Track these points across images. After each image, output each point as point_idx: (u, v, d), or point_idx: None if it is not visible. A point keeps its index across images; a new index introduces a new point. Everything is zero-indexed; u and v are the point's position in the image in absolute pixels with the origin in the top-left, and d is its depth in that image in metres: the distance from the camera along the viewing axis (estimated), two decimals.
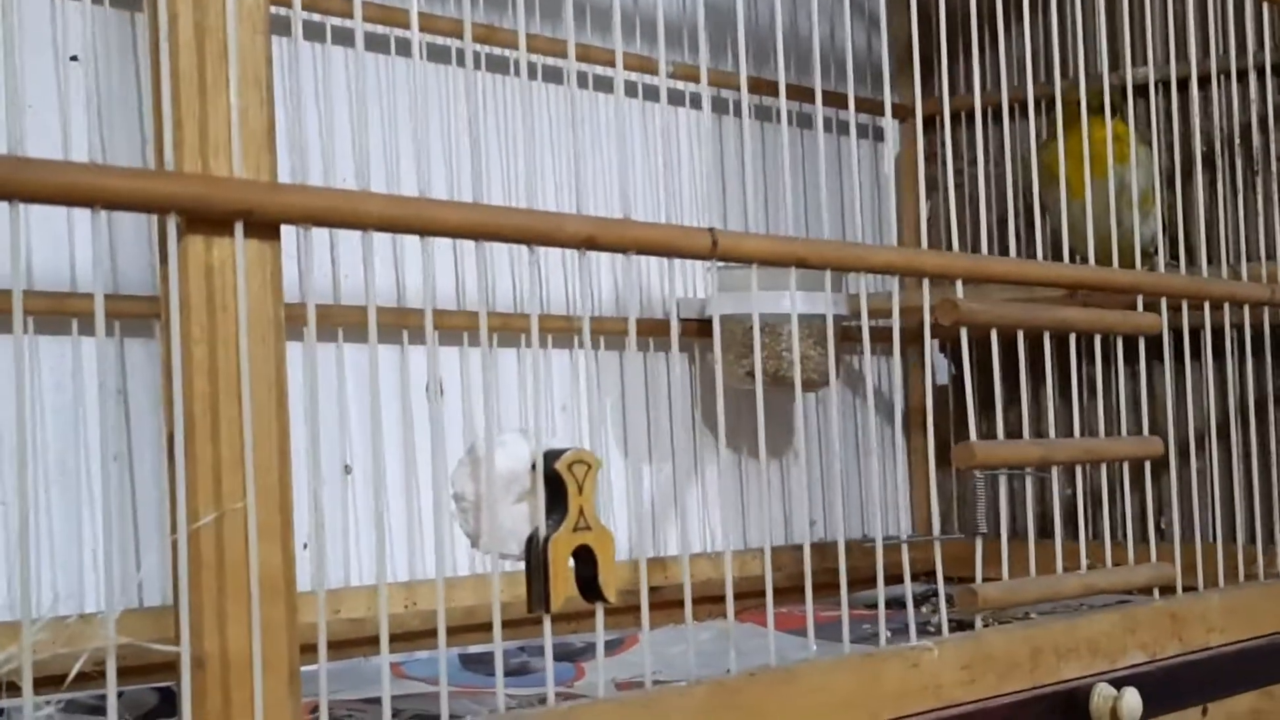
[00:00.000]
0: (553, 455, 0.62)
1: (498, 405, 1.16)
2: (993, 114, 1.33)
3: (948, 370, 1.51)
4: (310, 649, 0.55)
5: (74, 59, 0.99)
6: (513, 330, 1.16)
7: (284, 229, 0.55)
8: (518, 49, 1.19)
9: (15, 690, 0.51)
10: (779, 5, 0.73)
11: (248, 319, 0.53)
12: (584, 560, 0.63)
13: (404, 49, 1.14)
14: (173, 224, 0.51)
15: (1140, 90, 1.25)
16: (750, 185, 1.38)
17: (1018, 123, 1.30)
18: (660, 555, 1.28)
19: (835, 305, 1.24)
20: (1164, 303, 0.93)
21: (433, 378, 0.73)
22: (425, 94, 1.15)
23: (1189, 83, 1.03)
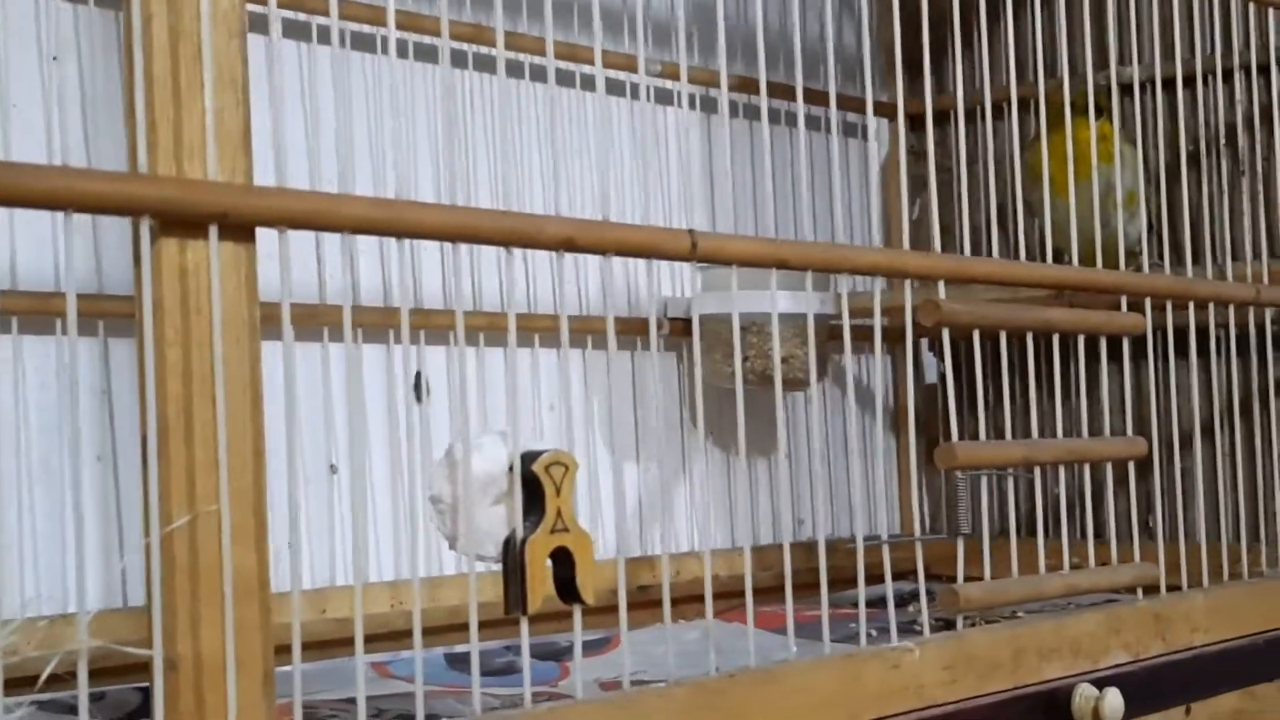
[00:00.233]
0: (530, 457, 0.62)
1: (485, 405, 1.16)
2: (979, 113, 1.33)
3: (936, 369, 1.51)
4: (290, 649, 0.55)
5: (54, 59, 0.99)
6: (500, 330, 1.15)
7: (263, 230, 0.54)
8: (509, 49, 1.19)
9: None
10: (763, 4, 0.73)
11: (222, 321, 0.53)
12: (562, 562, 0.63)
13: (399, 50, 1.14)
14: (146, 227, 0.51)
15: (1126, 89, 1.25)
16: (736, 185, 1.38)
17: (1004, 122, 1.30)
18: (649, 554, 1.28)
19: (823, 304, 1.25)
20: (1148, 303, 0.93)
21: (421, 379, 0.73)
22: (411, 93, 1.15)
23: (1175, 82, 1.03)
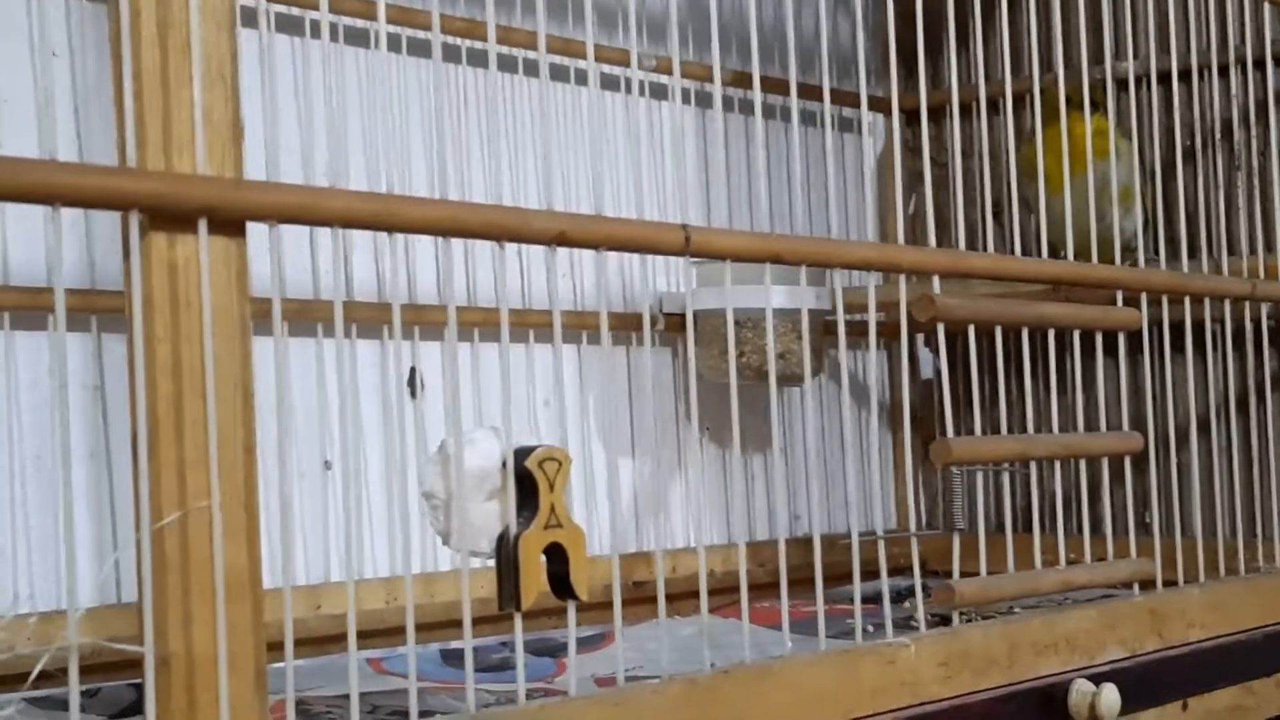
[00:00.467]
0: (523, 452, 0.62)
1: (480, 400, 1.16)
2: (974, 108, 1.33)
3: (932, 364, 1.50)
4: (282, 646, 0.55)
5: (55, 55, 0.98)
6: (496, 325, 1.15)
7: (255, 225, 0.54)
8: (502, 44, 1.19)
9: None
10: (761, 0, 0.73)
11: (212, 317, 0.52)
12: (555, 558, 0.62)
13: (392, 45, 1.14)
14: (135, 221, 0.51)
15: (1123, 84, 1.24)
16: (730, 180, 1.38)
17: (999, 117, 1.29)
18: (646, 550, 1.28)
19: (819, 299, 1.24)
20: (1144, 298, 0.93)
21: (416, 374, 0.72)
22: (404, 88, 1.15)
23: (1170, 77, 1.03)
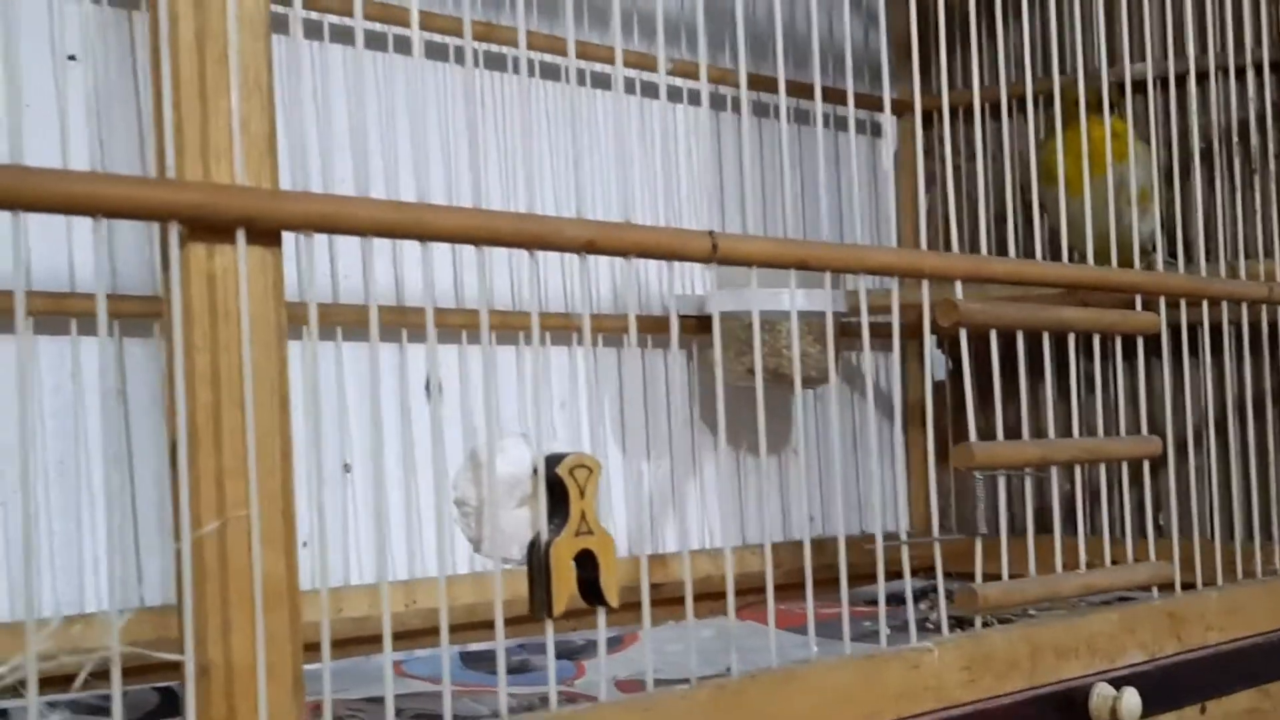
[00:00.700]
0: (554, 460, 0.62)
1: (497, 404, 1.16)
2: (991, 110, 1.33)
3: (945, 366, 1.51)
4: (311, 649, 0.55)
5: (71, 58, 0.99)
6: (511, 329, 1.16)
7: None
8: (515, 46, 1.19)
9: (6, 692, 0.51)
10: (777, 1, 0.73)
11: (250, 326, 0.53)
12: (585, 564, 0.63)
13: (401, 47, 1.14)
14: (175, 232, 0.51)
15: (1138, 87, 1.25)
16: (749, 182, 1.38)
17: (1015, 119, 1.30)
18: (659, 552, 1.28)
19: (835, 302, 1.25)
20: (1163, 301, 0.93)
21: (433, 379, 0.72)
22: (424, 92, 1.15)
23: (1187, 79, 1.03)
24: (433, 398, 1.12)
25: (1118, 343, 0.92)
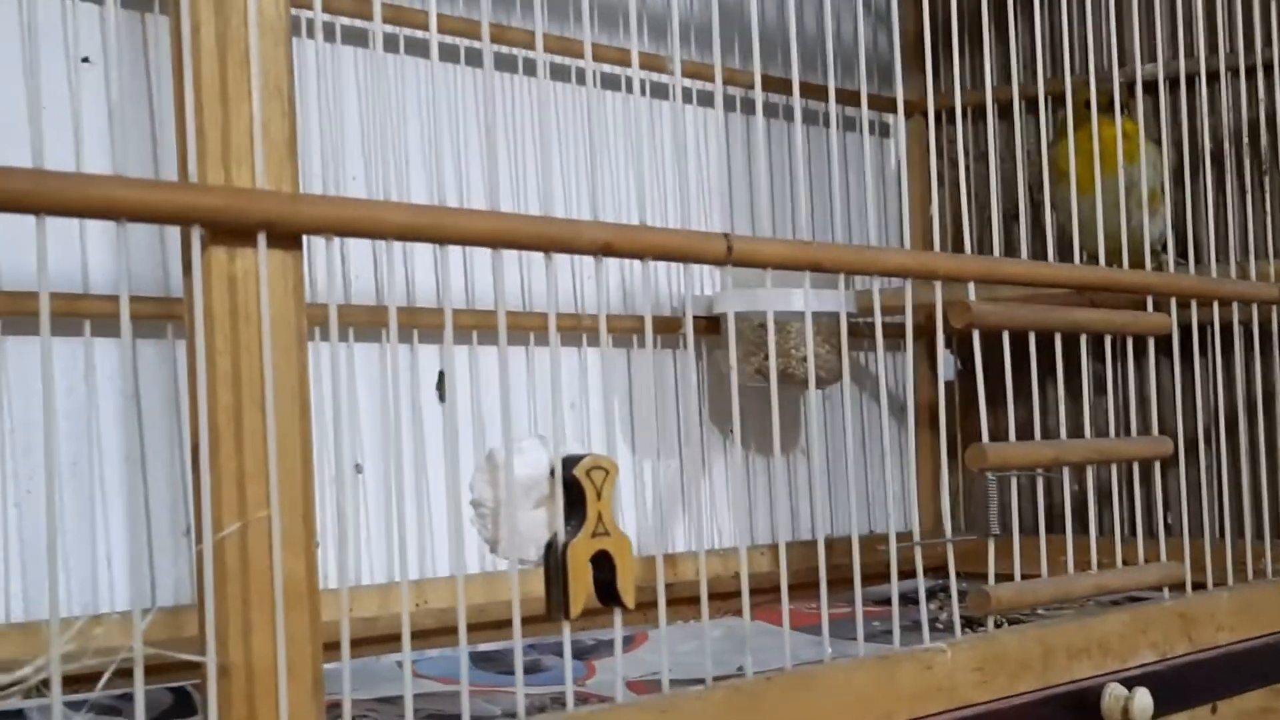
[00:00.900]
0: (571, 461, 0.62)
1: (507, 408, 1.16)
2: (1000, 111, 1.33)
3: (953, 366, 1.51)
4: (326, 648, 0.55)
5: (85, 60, 0.99)
6: (521, 329, 1.16)
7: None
8: (525, 48, 1.19)
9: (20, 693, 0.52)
10: (791, 1, 0.73)
11: (271, 329, 0.53)
12: (602, 565, 0.63)
13: (412, 48, 1.14)
14: (196, 235, 0.52)
15: (1148, 87, 1.25)
16: (762, 183, 1.38)
17: (1025, 120, 1.30)
18: (668, 553, 1.28)
19: (844, 303, 1.25)
20: (1174, 302, 0.93)
21: (444, 379, 0.73)
22: (435, 94, 1.15)
23: (1196, 80, 1.03)
24: (445, 397, 1.12)
25: (1129, 343, 0.92)
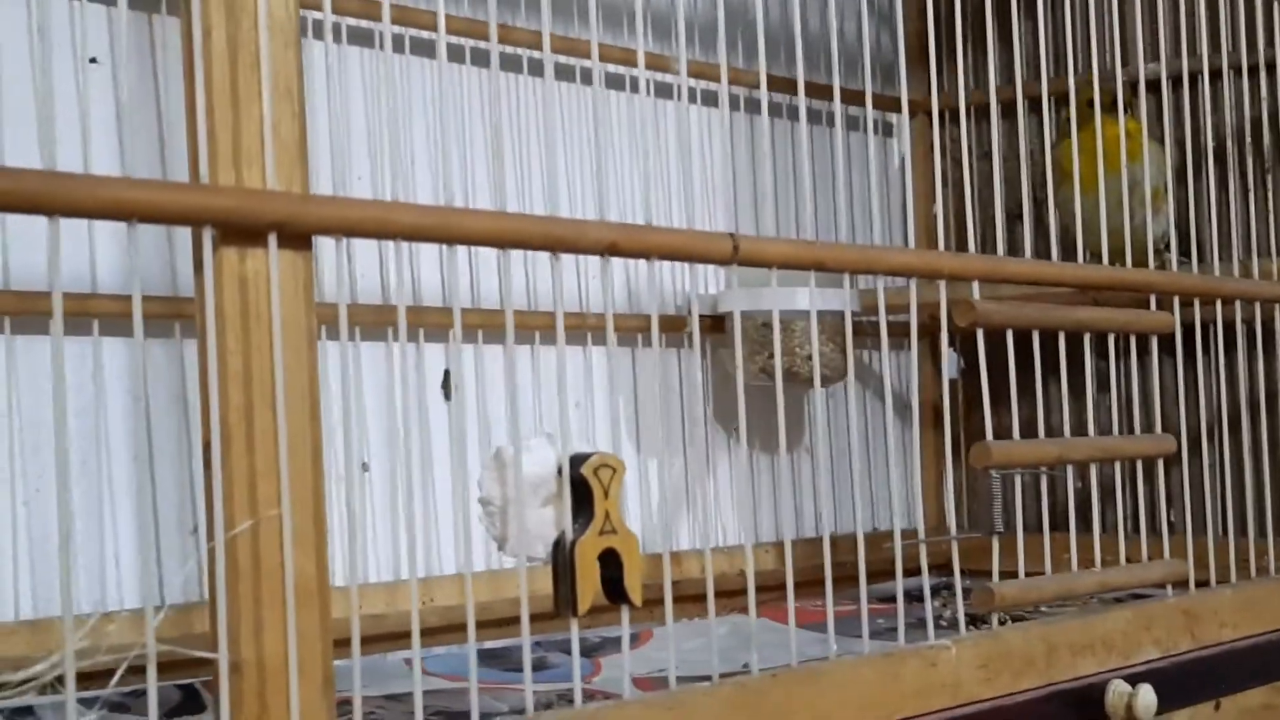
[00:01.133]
0: (578, 459, 0.63)
1: (515, 406, 1.16)
2: (1003, 110, 1.33)
3: (956, 365, 1.51)
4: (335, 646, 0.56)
5: (93, 61, 0.99)
6: (527, 328, 1.16)
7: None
8: (529, 48, 1.19)
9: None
10: (800, 4, 0.74)
11: (281, 329, 0.53)
12: (610, 563, 0.63)
13: (418, 49, 1.14)
14: (208, 236, 0.52)
15: (1151, 86, 1.25)
16: (765, 182, 1.39)
17: (1028, 119, 1.30)
18: (671, 551, 1.29)
19: (848, 302, 1.25)
20: (1177, 301, 0.93)
21: (449, 378, 0.73)
22: (440, 94, 1.16)
23: (1199, 78, 1.04)
24: (452, 394, 1.13)
25: (1132, 342, 0.92)
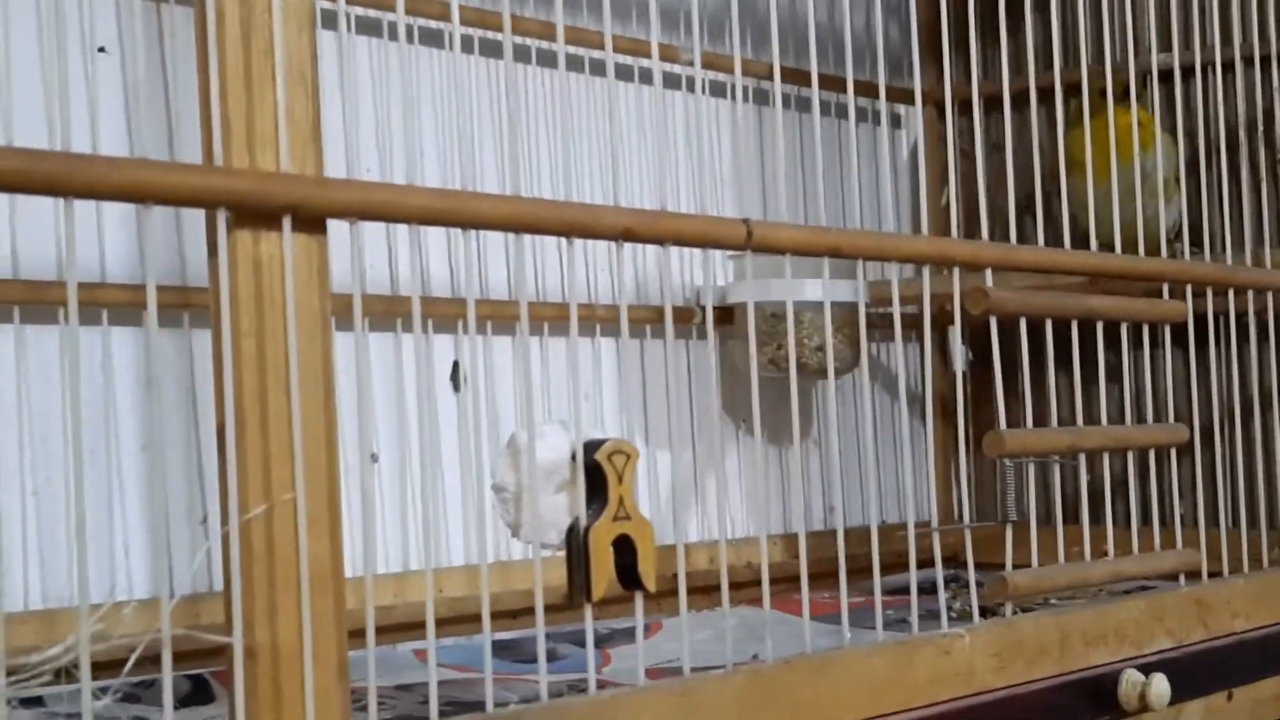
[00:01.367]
0: (592, 445, 0.62)
1: (528, 392, 1.16)
2: (1014, 101, 1.33)
3: (965, 357, 1.51)
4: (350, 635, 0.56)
5: (102, 50, 0.99)
6: (536, 319, 1.16)
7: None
8: (539, 38, 1.19)
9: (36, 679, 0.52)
10: None
11: (295, 313, 0.53)
12: (623, 549, 0.63)
13: (427, 39, 1.14)
14: (222, 219, 0.52)
15: (1163, 77, 1.24)
16: (779, 174, 1.38)
17: (1040, 110, 1.30)
18: (684, 542, 1.28)
19: (854, 292, 1.25)
20: (1189, 290, 0.93)
21: (458, 369, 0.73)
22: (450, 84, 1.15)
23: (1210, 69, 1.03)
24: (460, 388, 1.13)
25: (1144, 331, 0.92)
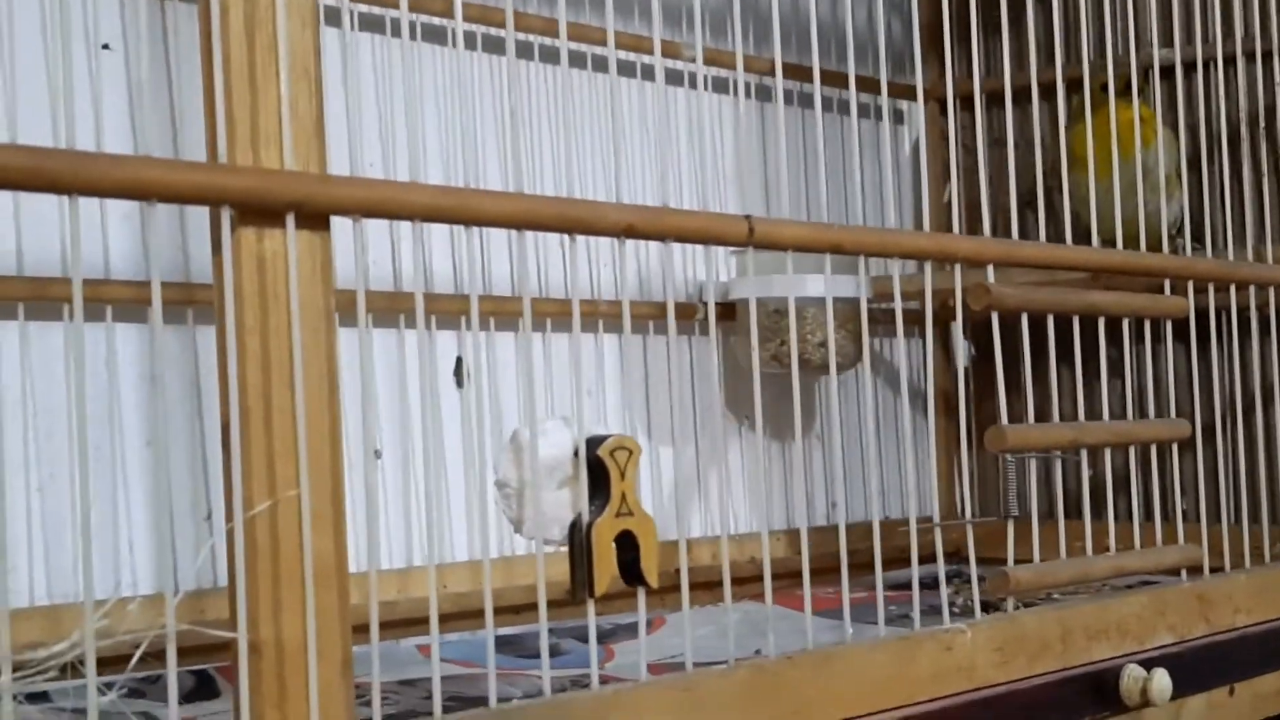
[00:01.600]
0: (595, 441, 0.63)
1: (531, 389, 1.17)
2: (1015, 96, 1.33)
3: (968, 353, 1.51)
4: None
5: (105, 47, 0.99)
6: (538, 315, 1.16)
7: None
8: (541, 34, 1.19)
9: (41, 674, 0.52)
10: None
11: (299, 309, 0.53)
12: (626, 545, 0.63)
13: (429, 35, 1.14)
14: (226, 216, 0.52)
15: (1164, 72, 1.25)
16: (781, 170, 1.38)
17: (1041, 105, 1.30)
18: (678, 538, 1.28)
19: (856, 288, 1.25)
20: (1191, 286, 0.93)
21: (461, 365, 0.73)
22: (452, 81, 1.15)
23: (1212, 64, 1.03)
24: (463, 383, 1.13)
25: (1145, 328, 0.92)
